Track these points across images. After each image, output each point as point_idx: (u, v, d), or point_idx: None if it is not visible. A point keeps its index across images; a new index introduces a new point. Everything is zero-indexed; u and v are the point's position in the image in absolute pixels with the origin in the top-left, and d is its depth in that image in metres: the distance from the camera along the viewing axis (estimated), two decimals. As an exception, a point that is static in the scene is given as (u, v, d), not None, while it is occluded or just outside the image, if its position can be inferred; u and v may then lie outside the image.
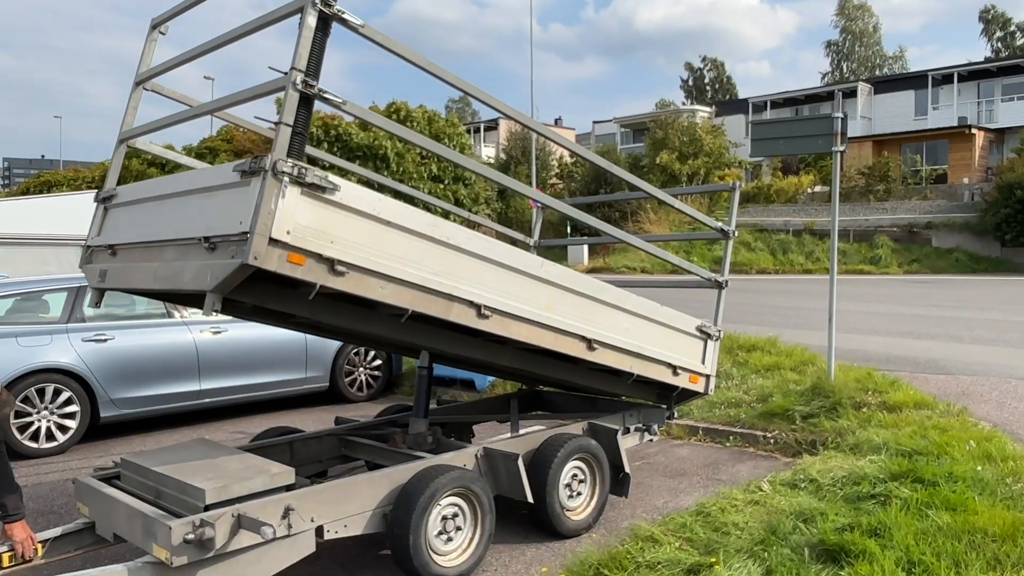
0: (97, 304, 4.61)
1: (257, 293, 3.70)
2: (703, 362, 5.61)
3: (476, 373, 9.02)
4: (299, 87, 3.21)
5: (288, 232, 3.21)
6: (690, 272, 5.73)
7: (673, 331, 5.32)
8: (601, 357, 4.77)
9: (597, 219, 5.02)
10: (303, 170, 3.23)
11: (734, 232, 6.01)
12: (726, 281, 5.87)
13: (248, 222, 3.13)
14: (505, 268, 4.18)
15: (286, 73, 3.24)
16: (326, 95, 3.31)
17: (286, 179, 3.18)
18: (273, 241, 3.17)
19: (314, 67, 3.27)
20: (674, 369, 5.36)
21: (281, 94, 3.30)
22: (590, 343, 4.65)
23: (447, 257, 3.87)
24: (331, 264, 3.39)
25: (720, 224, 5.90)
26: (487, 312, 4.05)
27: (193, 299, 4.75)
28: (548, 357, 4.95)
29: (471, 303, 3.98)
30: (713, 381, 5.73)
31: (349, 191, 3.45)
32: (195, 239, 3.44)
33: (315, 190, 3.30)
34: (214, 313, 3.32)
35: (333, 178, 3.35)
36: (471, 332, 4.43)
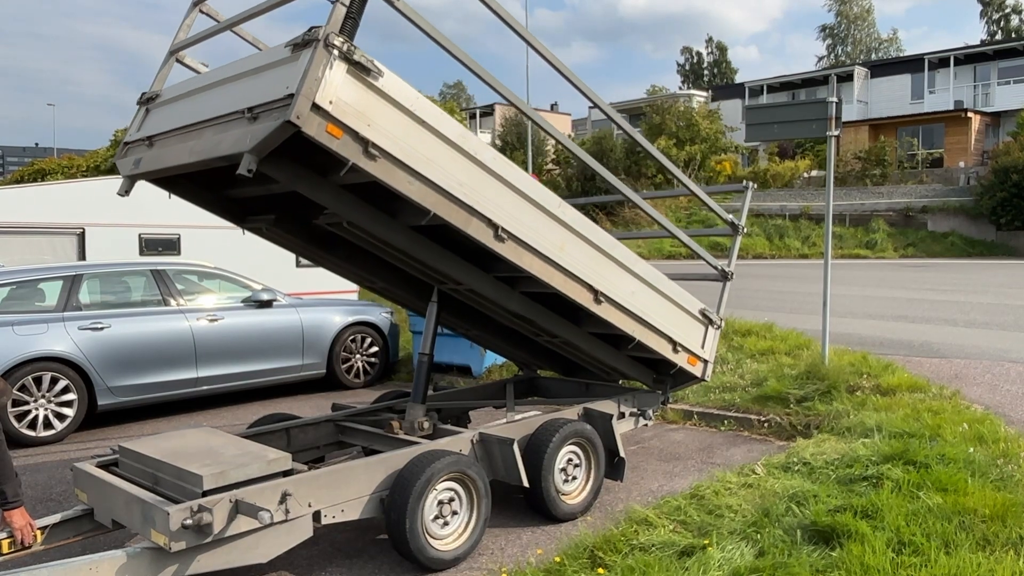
0: (126, 193, 4.55)
1: (289, 171, 3.84)
2: (703, 346, 5.63)
3: (473, 350, 9.07)
4: None
5: (330, 102, 3.31)
6: (700, 257, 5.73)
7: (677, 307, 5.36)
8: (606, 313, 4.80)
9: (620, 181, 5.07)
10: (352, 48, 3.36)
11: (744, 228, 6.12)
12: (732, 273, 5.92)
13: (295, 86, 3.24)
14: (525, 198, 4.26)
15: None
16: None
17: (335, 52, 3.30)
18: (315, 107, 3.27)
19: None
20: (675, 345, 5.37)
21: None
22: (597, 295, 4.70)
23: (472, 171, 3.97)
24: (366, 145, 3.49)
25: (730, 217, 5.95)
26: (504, 235, 4.13)
27: (211, 200, 4.84)
28: (553, 312, 5.05)
29: (490, 221, 4.06)
30: (711, 367, 5.76)
31: (391, 80, 3.57)
32: (238, 112, 3.55)
33: (360, 70, 3.42)
34: (248, 172, 3.34)
35: (379, 64, 3.48)
36: (484, 265, 4.55)
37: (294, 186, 3.94)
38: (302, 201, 4.59)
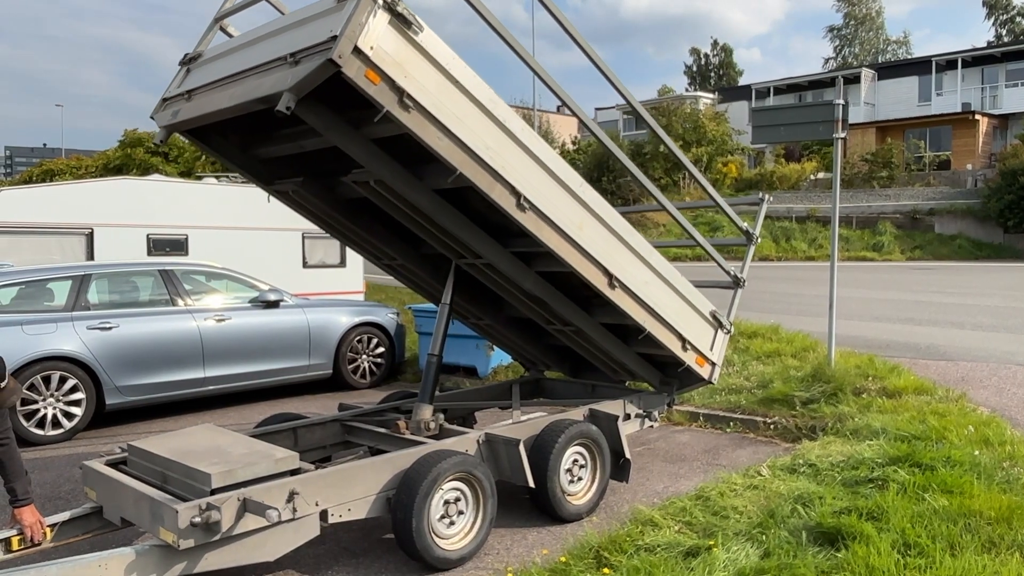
0: (162, 142, 4.68)
1: (325, 119, 3.93)
2: (711, 348, 5.64)
3: (479, 351, 9.08)
4: None
5: (371, 48, 3.44)
6: (714, 260, 5.76)
7: (688, 305, 5.38)
8: (619, 299, 4.84)
9: (651, 182, 5.16)
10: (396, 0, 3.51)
11: (758, 238, 6.20)
12: (744, 280, 5.95)
13: (339, 29, 3.36)
14: (548, 172, 4.35)
15: None
16: None
17: (379, 2, 3.45)
18: (357, 51, 3.39)
19: None
20: (684, 343, 5.39)
21: None
22: (612, 279, 4.75)
23: (500, 137, 4.07)
24: (401, 95, 3.60)
25: (745, 225, 6.06)
26: (525, 204, 4.21)
27: (241, 160, 4.90)
28: (566, 296, 5.11)
29: (514, 189, 4.15)
30: (718, 371, 5.76)
31: (430, 37, 3.70)
32: (280, 59, 3.67)
33: (402, 23, 3.56)
34: (286, 111, 3.44)
35: (420, 19, 3.61)
36: (502, 240, 4.67)
37: (327, 134, 4.01)
38: (329, 167, 4.68)
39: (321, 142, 4.33)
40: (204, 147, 4.83)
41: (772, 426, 6.90)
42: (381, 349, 9.62)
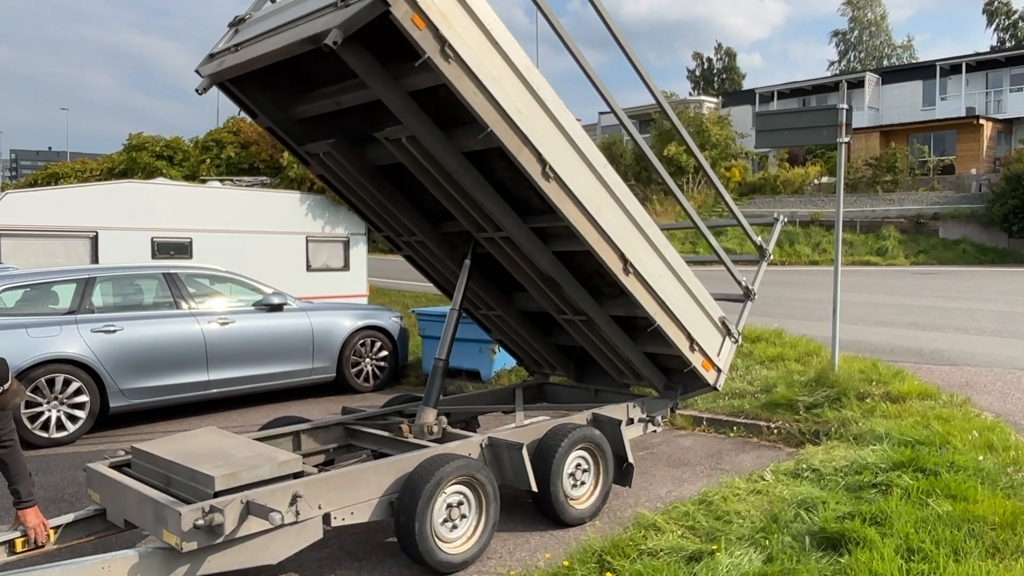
0: (204, 91, 4.74)
1: (367, 64, 4.06)
2: (718, 354, 5.64)
3: (482, 355, 9.09)
4: None
5: None
6: (728, 271, 5.77)
7: (699, 307, 5.40)
8: (632, 286, 4.88)
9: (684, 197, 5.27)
10: None
11: (771, 254, 6.27)
12: (755, 293, 5.99)
13: None
14: (575, 147, 4.44)
15: None
16: None
17: None
18: None
19: None
20: (692, 342, 5.39)
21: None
22: (627, 264, 4.79)
23: (532, 104, 4.19)
24: (443, 44, 3.75)
25: (760, 240, 6.10)
26: (550, 172, 4.30)
27: (277, 116, 4.96)
28: (580, 283, 5.16)
29: (540, 156, 4.25)
30: (723, 377, 5.75)
31: None
32: (329, 5, 3.80)
33: None
34: (333, 45, 3.56)
35: None
36: (523, 215, 4.76)
37: (369, 81, 4.10)
38: (361, 129, 4.79)
39: (358, 97, 4.44)
40: (243, 102, 4.90)
41: (775, 431, 6.89)
42: (384, 353, 9.62)
